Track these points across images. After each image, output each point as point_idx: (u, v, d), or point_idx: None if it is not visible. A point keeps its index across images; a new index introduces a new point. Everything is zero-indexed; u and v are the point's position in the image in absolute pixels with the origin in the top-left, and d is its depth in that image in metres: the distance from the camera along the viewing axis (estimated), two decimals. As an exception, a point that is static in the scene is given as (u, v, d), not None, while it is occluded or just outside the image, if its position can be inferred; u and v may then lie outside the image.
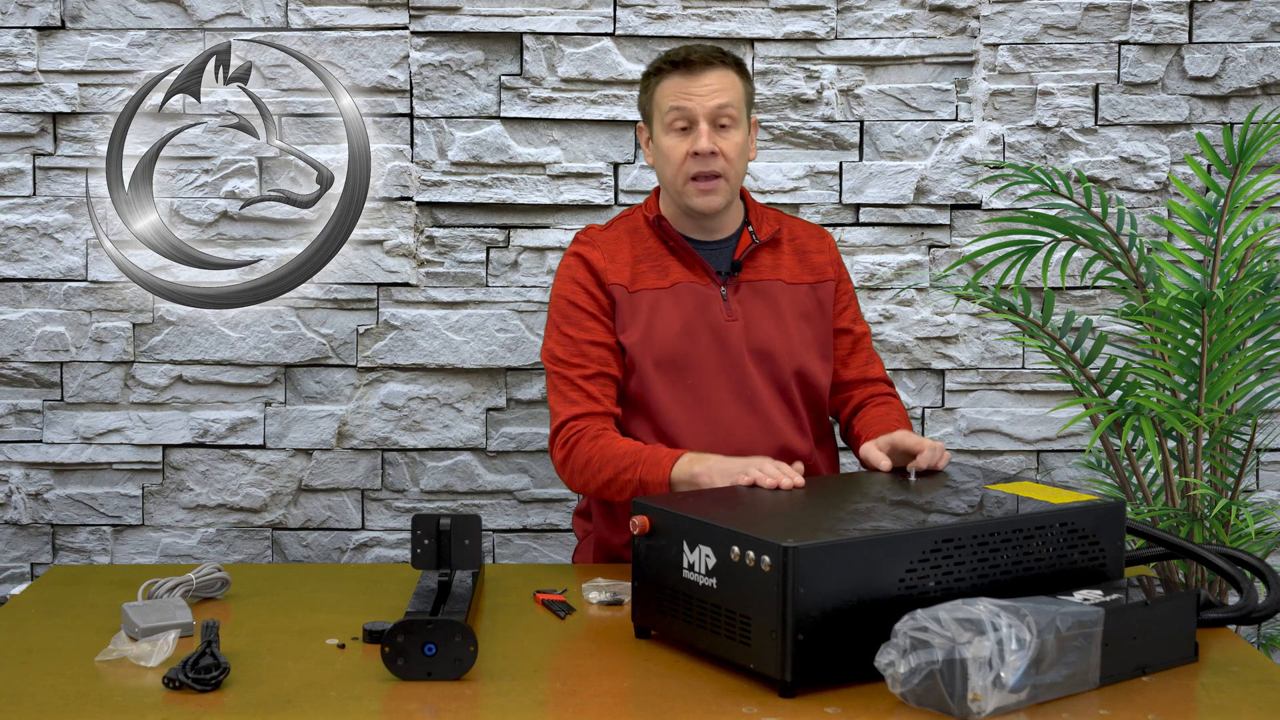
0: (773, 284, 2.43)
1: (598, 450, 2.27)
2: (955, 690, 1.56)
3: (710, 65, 2.34)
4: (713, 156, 2.32)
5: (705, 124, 2.32)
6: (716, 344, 2.38)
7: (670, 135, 2.35)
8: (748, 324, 2.39)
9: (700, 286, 2.39)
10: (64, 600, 2.09)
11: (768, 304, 2.41)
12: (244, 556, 3.09)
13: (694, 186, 2.35)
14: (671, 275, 2.40)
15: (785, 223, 2.51)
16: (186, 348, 3.05)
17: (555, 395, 2.37)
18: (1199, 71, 3.06)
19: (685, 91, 2.33)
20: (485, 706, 1.65)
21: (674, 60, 2.35)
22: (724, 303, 2.39)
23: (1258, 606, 1.91)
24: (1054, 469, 3.14)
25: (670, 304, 2.38)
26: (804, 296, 2.45)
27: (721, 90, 2.33)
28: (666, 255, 2.41)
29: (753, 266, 2.43)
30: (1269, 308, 2.59)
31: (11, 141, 3.00)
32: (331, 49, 3.00)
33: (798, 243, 2.49)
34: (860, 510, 1.85)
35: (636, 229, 2.45)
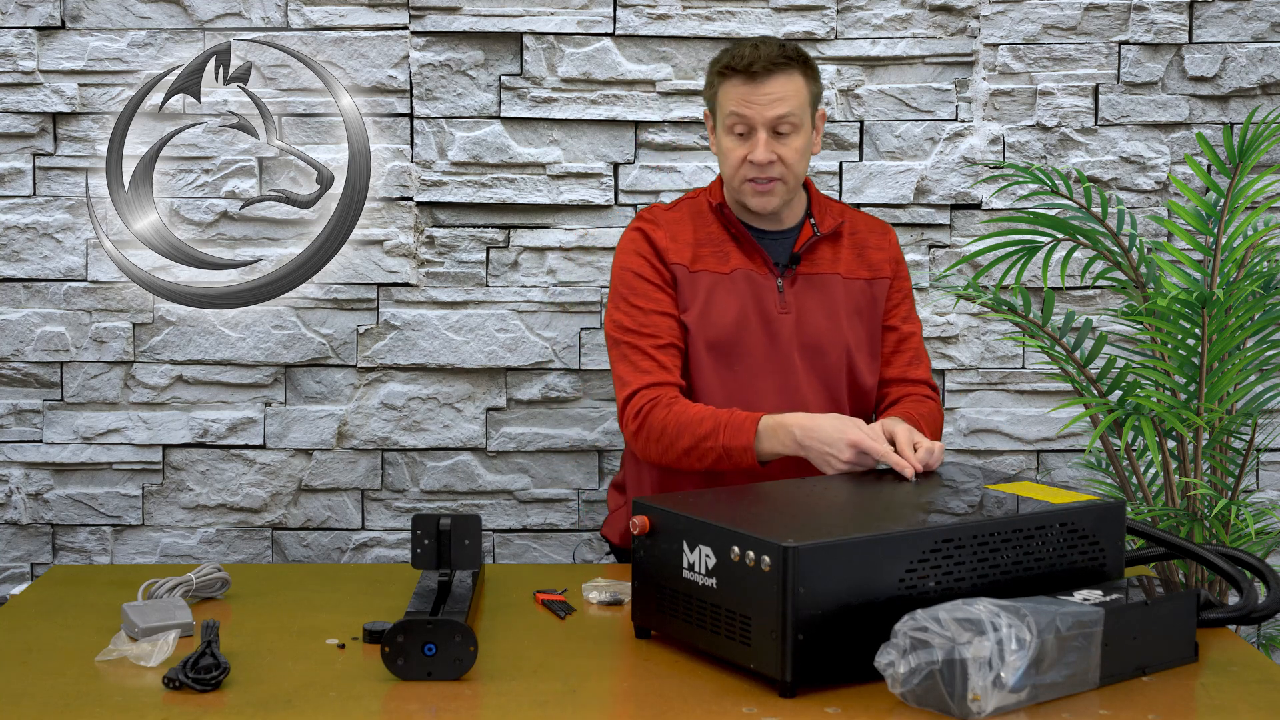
0: (830, 277, 2.44)
1: (673, 417, 2.29)
2: (955, 690, 1.56)
3: (773, 72, 2.31)
4: (770, 164, 2.33)
5: (764, 133, 2.32)
6: (767, 335, 2.39)
7: (729, 137, 2.36)
8: (799, 317, 2.40)
9: (758, 276, 2.40)
10: (64, 600, 2.09)
11: (822, 297, 2.42)
12: (244, 556, 3.09)
13: (750, 187, 2.36)
14: (731, 261, 2.41)
15: (848, 216, 2.51)
16: (186, 348, 3.05)
17: (625, 365, 2.37)
18: (1199, 71, 3.06)
19: (746, 99, 2.32)
20: (485, 706, 1.65)
21: (738, 65, 2.33)
22: (779, 294, 2.40)
23: (1258, 606, 1.91)
24: (1054, 469, 3.14)
25: (728, 289, 2.39)
26: (859, 292, 2.46)
27: (783, 99, 2.32)
28: (728, 241, 2.42)
29: (811, 259, 2.44)
30: (1269, 308, 2.59)
31: (11, 141, 3.00)
32: (331, 49, 3.00)
33: (858, 237, 2.50)
34: (860, 510, 1.85)
35: (700, 212, 2.45)
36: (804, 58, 2.37)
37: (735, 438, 2.22)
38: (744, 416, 2.24)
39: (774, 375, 2.39)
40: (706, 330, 2.38)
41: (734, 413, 2.25)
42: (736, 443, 2.22)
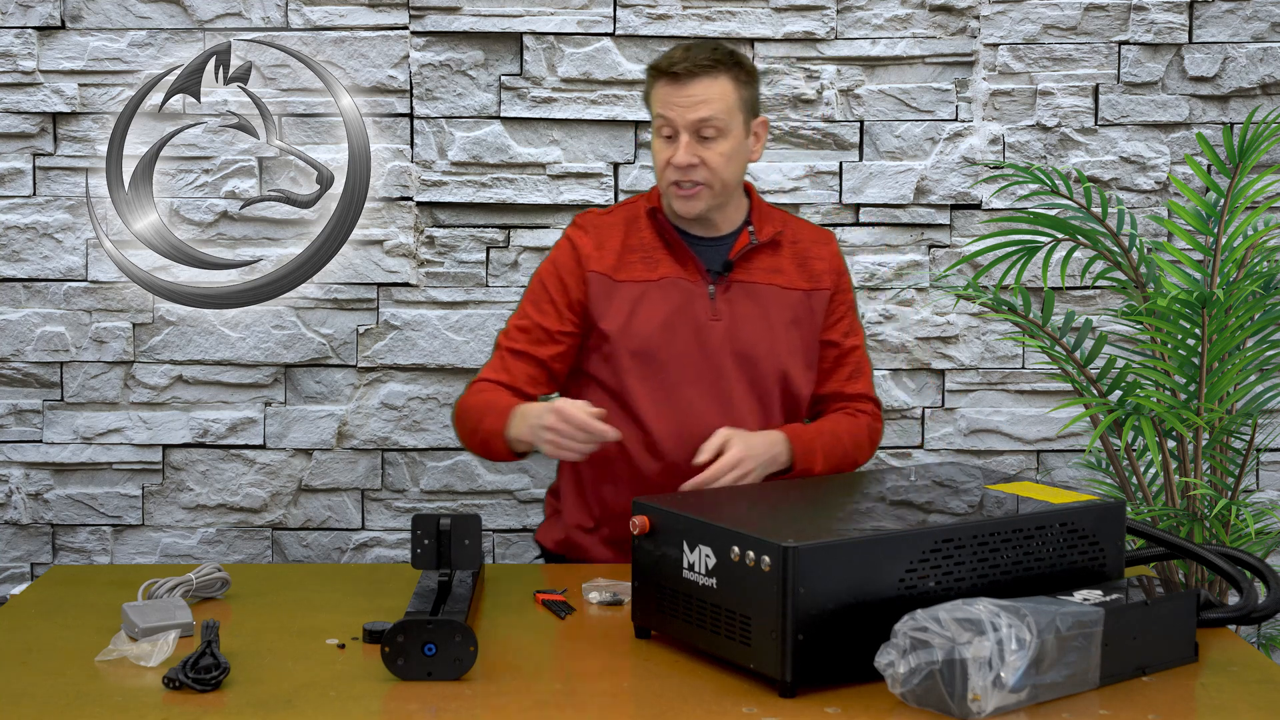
0: (766, 287, 2.40)
1: (472, 402, 2.35)
2: (955, 690, 1.56)
3: (697, 75, 2.28)
4: (691, 168, 2.30)
5: (686, 135, 2.29)
6: (696, 342, 2.36)
7: (658, 139, 2.34)
8: (732, 325, 2.37)
9: (687, 283, 2.38)
10: (64, 600, 2.09)
11: (758, 306, 2.39)
12: (244, 556, 3.09)
13: (674, 190, 2.34)
14: (660, 269, 2.38)
15: (790, 225, 2.48)
16: (186, 348, 3.05)
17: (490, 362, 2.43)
18: (1199, 71, 3.06)
19: (670, 101, 2.30)
20: (485, 706, 1.65)
21: (664, 66, 2.31)
22: (710, 301, 2.37)
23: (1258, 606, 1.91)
24: (1054, 469, 3.14)
25: (655, 297, 2.36)
26: (797, 302, 2.41)
27: (706, 102, 2.28)
28: (660, 248, 2.40)
29: (747, 268, 2.40)
30: (1269, 308, 2.59)
31: (11, 141, 3.00)
32: (331, 49, 3.00)
33: (800, 247, 2.45)
34: (860, 510, 1.85)
35: (636, 217, 2.43)
36: (736, 61, 2.34)
37: (495, 423, 2.27)
38: (509, 404, 2.29)
39: (704, 383, 2.36)
40: (631, 338, 2.35)
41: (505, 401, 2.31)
42: (495, 427, 2.27)
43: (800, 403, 2.43)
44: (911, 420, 3.12)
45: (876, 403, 2.50)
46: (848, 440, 2.39)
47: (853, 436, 2.41)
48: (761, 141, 2.42)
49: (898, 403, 3.11)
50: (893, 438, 3.12)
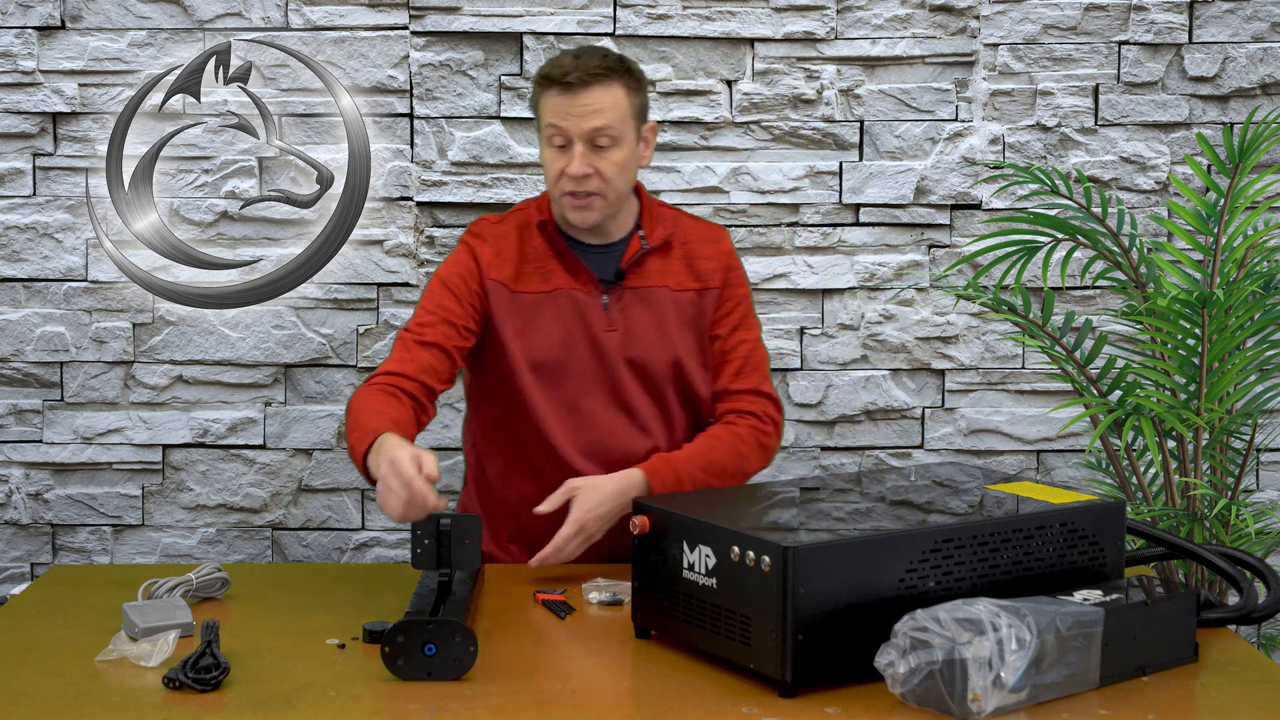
0: (659, 290, 2.37)
1: (357, 402, 2.20)
2: (955, 690, 1.56)
3: (590, 84, 2.24)
4: (586, 178, 2.26)
5: (581, 145, 2.25)
6: (593, 354, 2.34)
7: (549, 149, 2.29)
8: (627, 333, 2.35)
9: (581, 294, 2.34)
10: (64, 600, 2.09)
11: (651, 311, 2.37)
12: (244, 556, 3.09)
13: (568, 201, 2.30)
14: (554, 280, 2.34)
15: (680, 225, 2.43)
16: (186, 348, 3.05)
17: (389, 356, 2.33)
18: (1199, 71, 3.06)
19: (563, 111, 2.25)
20: (485, 706, 1.65)
21: (555, 75, 2.26)
22: (604, 312, 2.35)
23: (1258, 606, 1.91)
24: (1054, 469, 3.14)
25: (551, 310, 2.34)
26: (688, 303, 2.39)
27: (600, 111, 2.25)
28: (551, 258, 2.36)
29: (640, 273, 2.37)
30: (1269, 308, 2.59)
31: (11, 141, 3.00)
32: (331, 49, 3.01)
33: (689, 247, 2.41)
34: (860, 510, 1.85)
35: (527, 225, 2.39)
36: (626, 68, 2.30)
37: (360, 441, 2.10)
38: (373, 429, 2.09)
39: (602, 392, 2.35)
40: (530, 352, 2.33)
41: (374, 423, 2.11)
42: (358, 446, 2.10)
43: (702, 403, 2.42)
44: (911, 420, 3.12)
45: (771, 399, 2.43)
46: (724, 456, 2.34)
47: (731, 450, 2.35)
48: (651, 147, 2.37)
49: (898, 403, 3.11)
50: (893, 438, 3.12)
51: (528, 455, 2.35)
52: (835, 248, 3.08)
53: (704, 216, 3.05)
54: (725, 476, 2.33)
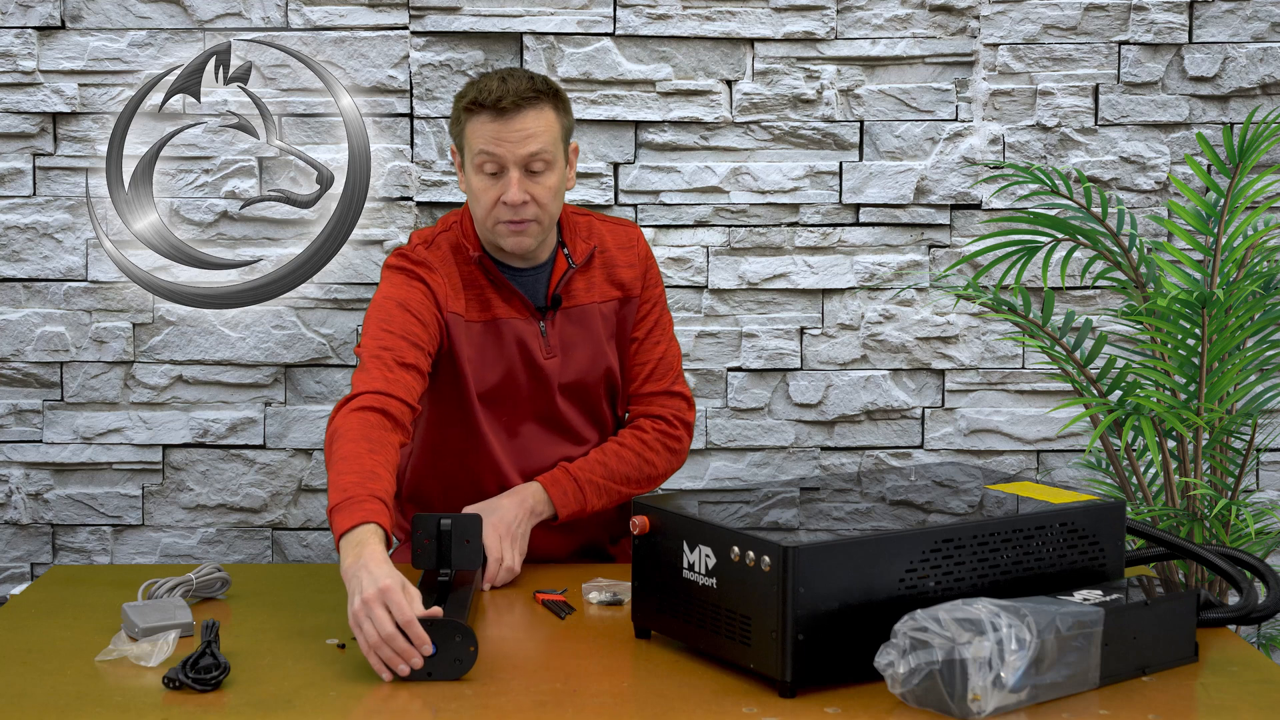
0: (586, 308, 2.34)
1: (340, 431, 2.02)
2: (955, 690, 1.56)
3: (522, 107, 2.17)
4: (524, 205, 2.19)
5: (516, 171, 2.18)
6: (535, 381, 2.32)
7: (480, 176, 2.21)
8: (564, 357, 2.33)
9: (519, 322, 2.30)
10: (64, 600, 2.09)
11: (583, 330, 2.34)
12: (244, 556, 3.09)
13: (505, 229, 2.23)
14: (493, 308, 2.29)
15: (595, 232, 2.38)
16: (186, 348, 3.05)
17: (357, 373, 2.15)
18: (1199, 71, 3.06)
19: (496, 137, 2.17)
20: (485, 706, 1.65)
21: (485, 100, 2.18)
22: (542, 339, 2.31)
23: (1258, 606, 1.91)
24: (1054, 469, 3.14)
25: (494, 339, 2.29)
26: (612, 314, 2.37)
27: (534, 135, 2.18)
28: (488, 287, 2.29)
29: (569, 293, 2.33)
30: (1269, 308, 2.59)
31: (11, 141, 3.00)
32: (331, 49, 3.00)
33: (607, 256, 2.38)
34: (860, 510, 1.85)
35: (458, 250, 2.31)
36: (554, 90, 2.24)
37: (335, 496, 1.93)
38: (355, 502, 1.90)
39: (539, 415, 2.34)
40: (479, 382, 2.29)
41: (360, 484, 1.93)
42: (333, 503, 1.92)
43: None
44: (911, 420, 3.12)
45: (684, 397, 2.42)
46: (627, 464, 2.34)
47: (635, 456, 2.35)
48: (574, 167, 2.32)
49: (898, 403, 3.11)
50: (893, 437, 3.12)
51: (474, 475, 2.33)
52: (835, 248, 3.08)
53: (704, 217, 3.06)
54: (629, 483, 2.35)
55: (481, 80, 2.24)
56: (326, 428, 2.12)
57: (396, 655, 1.70)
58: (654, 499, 1.88)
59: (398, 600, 1.71)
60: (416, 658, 1.70)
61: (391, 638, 1.70)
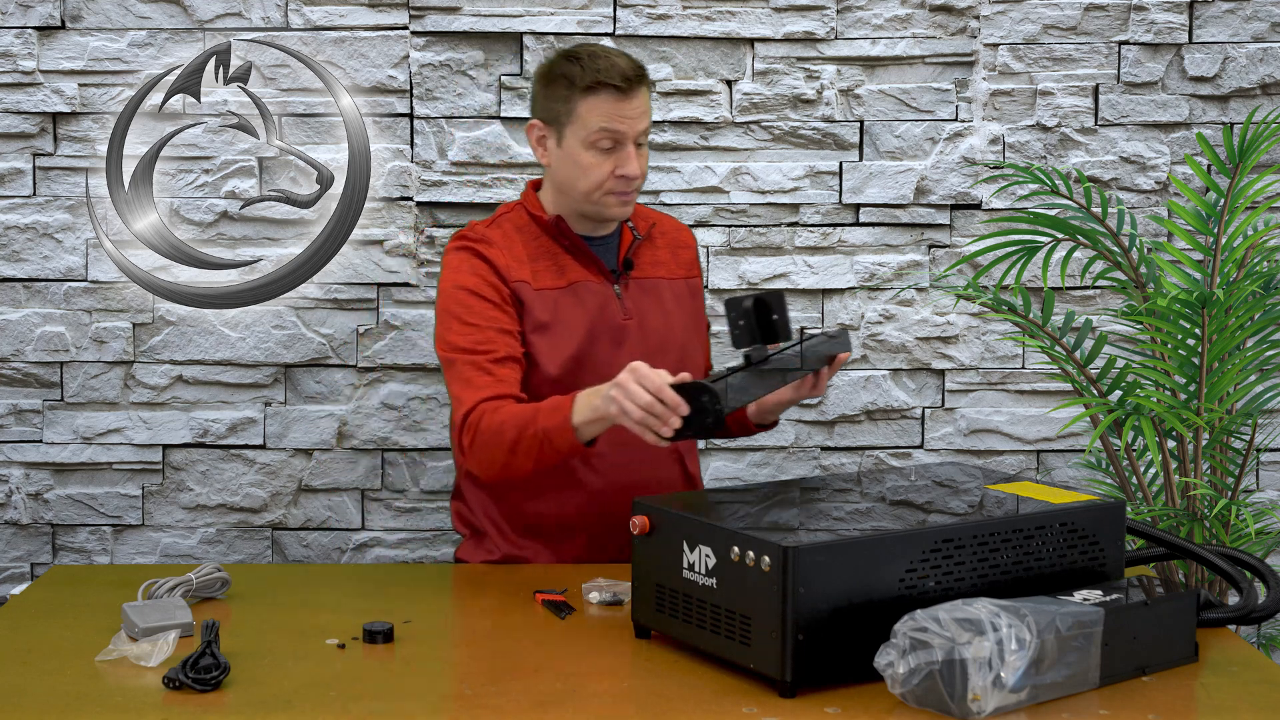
0: (657, 280, 2.45)
1: (498, 418, 2.19)
2: (955, 690, 1.56)
3: (639, 85, 2.30)
4: (635, 177, 2.32)
5: (632, 146, 2.31)
6: (614, 344, 2.36)
7: (592, 152, 2.30)
8: (642, 322, 2.40)
9: (596, 285, 2.38)
10: (64, 600, 2.09)
11: (655, 300, 2.42)
12: (244, 556, 3.09)
13: (614, 199, 2.33)
14: (568, 274, 2.37)
15: (653, 217, 2.52)
16: (186, 348, 3.05)
17: (459, 383, 2.27)
18: (1199, 71, 3.06)
19: (618, 114, 2.28)
20: (485, 706, 1.65)
21: (610, 79, 2.28)
22: (619, 301, 2.39)
23: (1258, 606, 1.91)
24: (1054, 469, 3.14)
25: (572, 304, 2.35)
26: (680, 290, 2.48)
27: (646, 112, 2.32)
28: (561, 254, 2.38)
29: (636, 263, 2.44)
30: (1269, 308, 2.59)
31: (11, 141, 3.00)
32: (331, 49, 3.01)
33: (668, 237, 2.51)
34: (860, 510, 1.85)
35: (523, 227, 2.40)
36: (645, 68, 2.36)
37: (552, 417, 2.12)
38: (560, 398, 2.15)
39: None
40: (557, 348, 2.33)
41: (551, 398, 2.17)
42: (554, 422, 2.12)
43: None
44: (911, 420, 3.12)
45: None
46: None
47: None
48: None
49: (898, 403, 3.11)
50: (893, 437, 3.12)
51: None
52: (835, 248, 3.08)
53: (704, 217, 3.06)
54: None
55: (587, 59, 2.31)
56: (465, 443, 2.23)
57: (658, 420, 1.93)
58: (654, 499, 1.88)
59: (646, 373, 1.96)
60: (675, 419, 1.93)
61: (649, 405, 1.93)
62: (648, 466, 2.37)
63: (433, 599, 2.10)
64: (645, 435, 1.97)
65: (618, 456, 2.33)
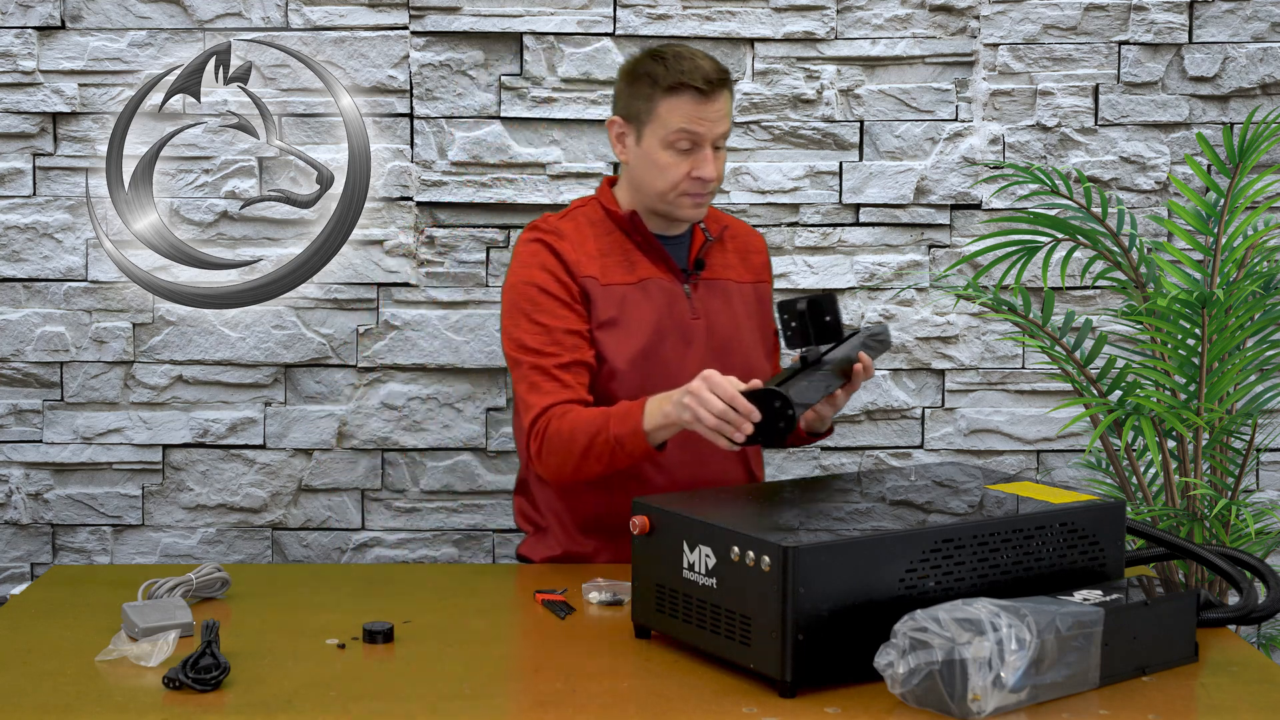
0: (726, 283, 2.45)
1: (567, 424, 2.22)
2: (955, 690, 1.56)
3: (721, 89, 2.31)
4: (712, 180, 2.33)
5: (710, 149, 2.31)
6: (683, 342, 2.37)
7: (669, 152, 2.31)
8: (710, 322, 2.40)
9: (666, 283, 2.39)
10: (64, 600, 2.09)
11: (724, 302, 2.43)
12: (244, 556, 3.09)
13: (688, 200, 2.34)
14: (638, 271, 2.38)
15: (725, 221, 2.53)
16: (186, 348, 3.05)
17: (526, 386, 2.30)
18: (1199, 71, 3.06)
19: (699, 116, 2.29)
20: (485, 706, 1.65)
21: (692, 81, 2.28)
22: (688, 300, 2.39)
23: (1258, 606, 1.91)
24: (1054, 469, 3.14)
25: (640, 300, 2.36)
26: (750, 295, 2.48)
27: (727, 115, 2.33)
28: (633, 250, 2.39)
29: (709, 265, 2.44)
30: (1269, 308, 2.59)
31: (11, 141, 3.00)
32: (331, 49, 3.01)
33: (739, 241, 2.51)
34: (860, 510, 1.85)
35: (596, 221, 2.41)
36: (730, 71, 2.38)
37: (624, 423, 2.15)
38: (631, 403, 2.18)
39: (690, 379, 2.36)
40: (625, 343, 2.34)
41: (622, 403, 2.20)
42: (626, 428, 2.15)
43: None
44: (911, 420, 3.12)
45: None
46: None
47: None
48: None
49: (898, 403, 3.11)
50: (893, 437, 3.12)
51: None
52: (835, 248, 3.08)
53: (704, 216, 3.06)
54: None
55: (671, 60, 2.32)
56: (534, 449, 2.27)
57: (731, 426, 1.99)
58: (654, 499, 1.88)
59: (719, 381, 2.01)
60: (747, 425, 1.98)
61: (724, 413, 1.99)
62: (713, 465, 2.36)
63: (433, 599, 2.10)
64: (718, 441, 2.03)
65: (684, 455, 2.32)
